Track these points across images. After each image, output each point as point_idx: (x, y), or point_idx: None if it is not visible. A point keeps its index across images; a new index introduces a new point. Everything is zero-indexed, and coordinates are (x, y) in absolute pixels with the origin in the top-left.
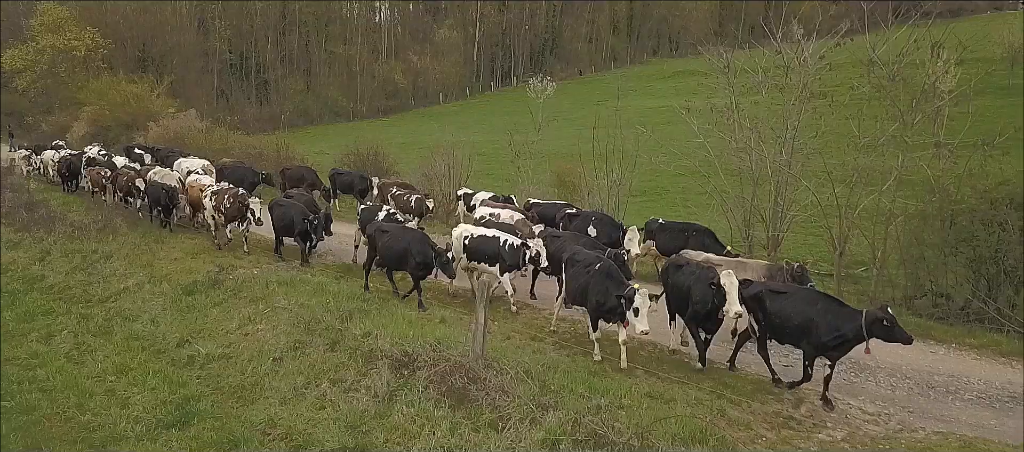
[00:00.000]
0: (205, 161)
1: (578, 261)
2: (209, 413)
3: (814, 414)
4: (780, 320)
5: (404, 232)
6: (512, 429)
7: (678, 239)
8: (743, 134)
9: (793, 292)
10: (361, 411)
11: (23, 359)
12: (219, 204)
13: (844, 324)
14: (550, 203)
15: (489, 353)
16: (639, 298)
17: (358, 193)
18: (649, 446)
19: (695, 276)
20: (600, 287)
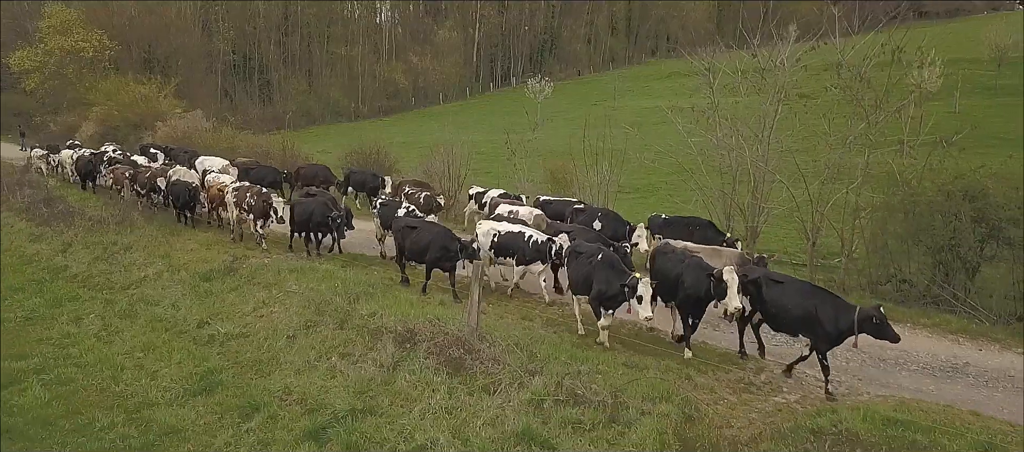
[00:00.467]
0: (224, 161)
1: (580, 253)
2: (231, 383)
3: (773, 381)
4: (777, 310)
5: (429, 228)
6: (502, 392)
7: (682, 233)
8: (723, 133)
9: (789, 283)
10: (368, 379)
11: (56, 339)
12: (242, 201)
13: (840, 317)
14: (561, 199)
15: (483, 328)
16: (642, 287)
17: (370, 191)
18: (621, 404)
19: (685, 263)
20: (602, 276)
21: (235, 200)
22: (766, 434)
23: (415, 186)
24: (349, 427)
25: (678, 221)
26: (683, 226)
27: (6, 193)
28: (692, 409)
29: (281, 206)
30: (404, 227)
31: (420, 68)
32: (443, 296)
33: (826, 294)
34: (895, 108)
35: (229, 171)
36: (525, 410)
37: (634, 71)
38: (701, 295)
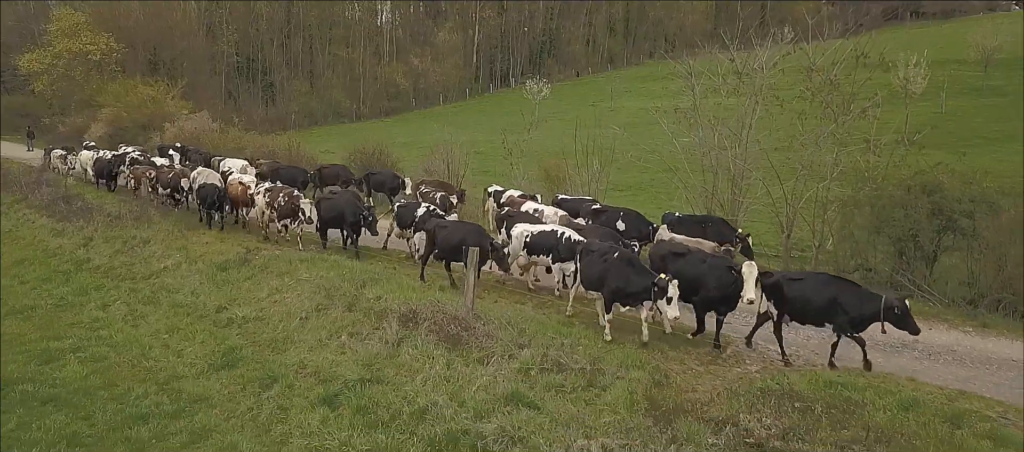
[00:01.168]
0: (243, 161)
1: (593, 251)
2: (250, 359)
3: (738, 355)
4: (801, 303)
5: (461, 226)
6: (495, 362)
7: (696, 230)
8: (705, 133)
9: (808, 277)
10: (375, 353)
11: (87, 322)
12: (273, 202)
13: (864, 304)
14: (575, 198)
15: (478, 309)
16: (672, 288)
17: (389, 191)
18: (598, 370)
19: (708, 264)
20: (621, 274)
21: (268, 201)
22: (723, 395)
23: (433, 186)
24: (359, 393)
25: (691, 219)
26: (696, 223)
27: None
28: (661, 376)
29: (310, 206)
30: (437, 226)
31: (420, 69)
32: (443, 283)
33: (847, 283)
34: (861, 109)
35: (248, 171)
36: (514, 377)
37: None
38: (726, 292)
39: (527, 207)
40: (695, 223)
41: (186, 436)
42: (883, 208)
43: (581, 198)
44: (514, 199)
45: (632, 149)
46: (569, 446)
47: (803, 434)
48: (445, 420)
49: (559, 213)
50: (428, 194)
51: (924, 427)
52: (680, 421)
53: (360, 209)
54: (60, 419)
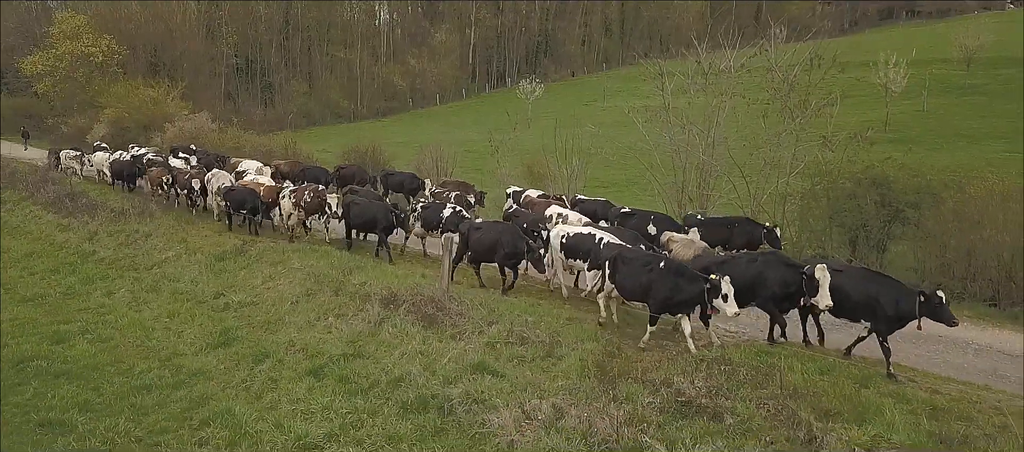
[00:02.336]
0: (258, 163)
1: (631, 259)
2: (245, 338)
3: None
4: (839, 297)
5: (494, 227)
6: (466, 338)
7: (722, 232)
8: (676, 131)
9: (848, 271)
10: (358, 332)
11: (93, 308)
12: (300, 199)
13: (902, 301)
14: (594, 199)
15: (454, 293)
16: (725, 285)
17: (409, 191)
18: (557, 343)
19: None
20: (669, 283)
21: (294, 200)
22: (664, 362)
23: (451, 186)
24: (342, 366)
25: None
26: (722, 225)
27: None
28: (614, 348)
29: (336, 203)
30: (470, 228)
31: (417, 70)
32: (425, 270)
33: (886, 279)
34: (817, 107)
35: (264, 172)
36: (482, 350)
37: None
38: (792, 292)
39: (551, 211)
40: (721, 225)
41: (185, 403)
42: (836, 200)
43: (597, 199)
44: (533, 199)
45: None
46: (523, 404)
47: (727, 392)
48: (417, 386)
49: (582, 219)
50: (441, 194)
51: (834, 386)
52: (623, 384)
53: (390, 213)
54: (72, 390)
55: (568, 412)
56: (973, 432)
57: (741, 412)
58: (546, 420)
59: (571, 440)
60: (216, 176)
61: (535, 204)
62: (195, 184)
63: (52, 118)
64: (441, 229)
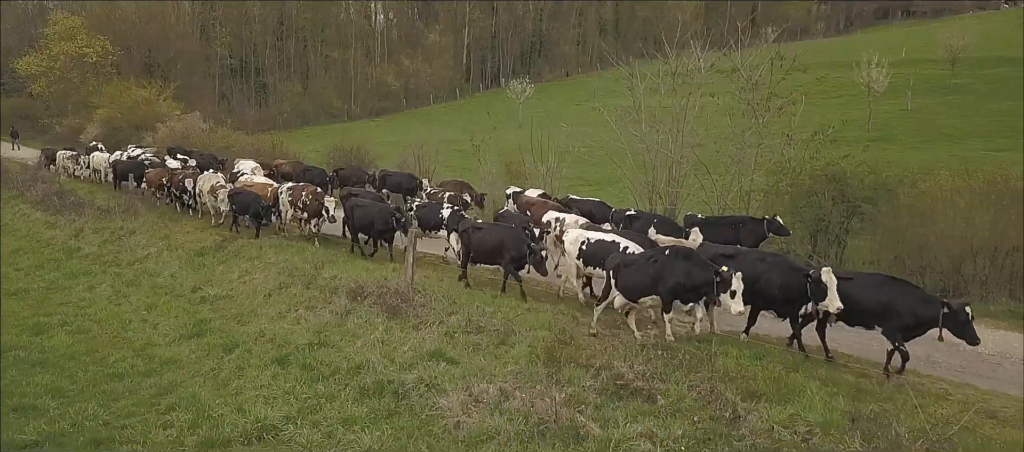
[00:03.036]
0: (254, 163)
1: (631, 262)
2: (217, 330)
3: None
4: (850, 305)
5: (497, 229)
6: (426, 328)
7: (727, 231)
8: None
9: (859, 277)
10: (325, 323)
11: (75, 302)
12: (297, 200)
13: (921, 309)
14: (588, 200)
15: (418, 285)
16: (736, 281)
17: (406, 192)
18: (511, 331)
19: (768, 264)
20: (680, 270)
21: (291, 200)
22: (609, 349)
23: (450, 186)
24: (307, 355)
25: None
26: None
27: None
28: (567, 336)
29: (333, 205)
30: (471, 229)
31: (411, 70)
32: (396, 264)
33: (906, 285)
34: (779, 106)
35: (257, 172)
36: (440, 339)
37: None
38: (794, 297)
39: (549, 217)
40: (726, 224)
41: (155, 390)
42: (798, 196)
43: (591, 199)
44: (532, 200)
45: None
46: (471, 388)
47: (662, 375)
48: (376, 373)
49: (579, 221)
50: (434, 193)
51: (764, 370)
52: (567, 368)
53: (391, 213)
54: (47, 378)
55: (513, 395)
56: (886, 409)
57: (673, 394)
58: (492, 402)
59: (513, 420)
60: (205, 178)
61: (533, 205)
62: (188, 184)
63: (46, 118)
64: (446, 229)
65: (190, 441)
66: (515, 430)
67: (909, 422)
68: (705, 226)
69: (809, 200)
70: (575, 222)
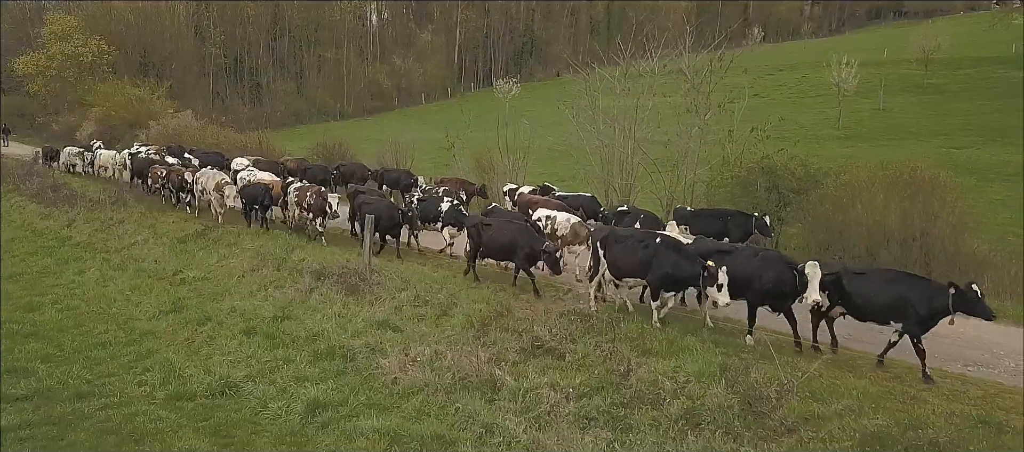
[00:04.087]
0: (247, 160)
1: (623, 239)
2: (193, 307)
3: (579, 296)
4: (863, 300)
5: (508, 226)
6: (380, 303)
7: (715, 225)
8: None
9: (871, 272)
10: (290, 300)
11: (65, 284)
12: (302, 200)
13: (934, 298)
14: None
15: (377, 267)
16: (722, 274)
17: (403, 188)
18: (453, 304)
19: (760, 258)
20: (669, 260)
21: (296, 199)
22: (534, 318)
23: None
24: (271, 326)
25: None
26: (715, 217)
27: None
28: (503, 308)
29: (336, 202)
30: (480, 224)
31: (403, 70)
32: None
33: (914, 278)
34: (718, 104)
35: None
36: (390, 312)
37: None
38: (785, 291)
39: (540, 214)
40: (714, 217)
41: (134, 356)
42: (735, 187)
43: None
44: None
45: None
46: (409, 351)
47: (574, 337)
48: (329, 340)
49: (572, 219)
50: (430, 190)
51: (662, 333)
52: (494, 333)
53: (398, 210)
54: (37, 346)
55: (445, 355)
56: (756, 362)
57: (580, 352)
58: (426, 361)
59: (442, 375)
60: (209, 174)
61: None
62: (188, 177)
63: (42, 116)
64: (442, 223)
65: (160, 395)
66: (443, 383)
67: (765, 371)
68: (694, 218)
69: (745, 191)
70: (567, 220)
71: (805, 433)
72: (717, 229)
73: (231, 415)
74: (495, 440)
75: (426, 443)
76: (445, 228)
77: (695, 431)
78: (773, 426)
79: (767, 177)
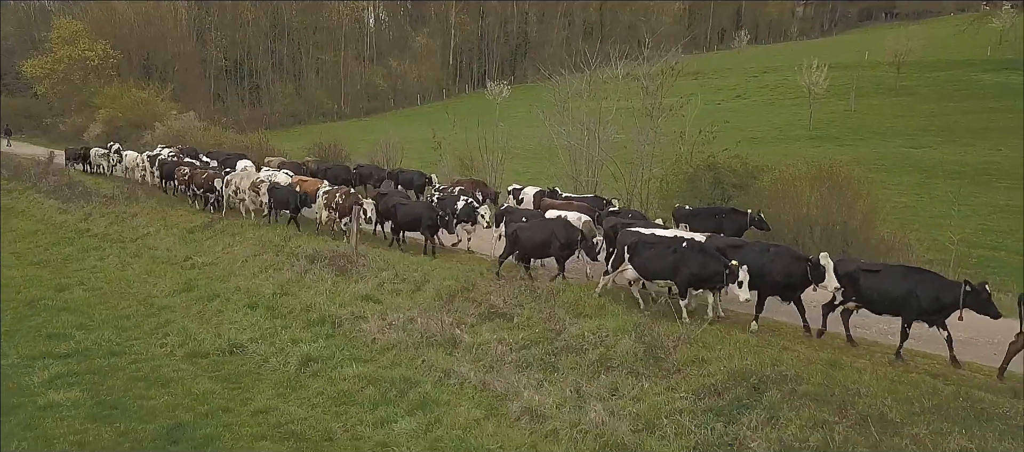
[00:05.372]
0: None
1: (654, 243)
2: (203, 286)
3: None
4: (877, 295)
5: (546, 223)
6: (364, 281)
7: (711, 222)
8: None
9: (885, 269)
10: (287, 279)
11: (88, 268)
12: (331, 201)
13: (942, 294)
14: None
15: (363, 252)
16: (742, 272)
17: (417, 188)
18: (426, 281)
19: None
20: (696, 261)
21: (325, 201)
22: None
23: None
24: (272, 301)
25: (704, 211)
26: (710, 216)
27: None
28: (470, 283)
29: (370, 206)
30: (518, 227)
31: (399, 72)
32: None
33: (926, 273)
34: (670, 109)
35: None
36: (372, 288)
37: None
38: (794, 282)
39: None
40: (710, 215)
41: (155, 325)
42: (685, 181)
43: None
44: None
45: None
46: (386, 317)
47: (523, 304)
48: (320, 310)
49: (583, 218)
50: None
51: (596, 301)
52: (459, 302)
53: (436, 212)
54: (71, 318)
55: (416, 320)
56: (661, 320)
57: (526, 315)
58: (400, 325)
59: (412, 335)
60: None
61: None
62: (217, 183)
63: (50, 118)
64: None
65: (179, 353)
66: (413, 341)
67: (668, 327)
68: (692, 216)
69: (693, 186)
70: (578, 219)
71: (689, 371)
72: (712, 226)
73: (238, 368)
74: (451, 382)
75: (395, 383)
76: (459, 225)
77: (607, 372)
78: (667, 367)
79: (711, 174)
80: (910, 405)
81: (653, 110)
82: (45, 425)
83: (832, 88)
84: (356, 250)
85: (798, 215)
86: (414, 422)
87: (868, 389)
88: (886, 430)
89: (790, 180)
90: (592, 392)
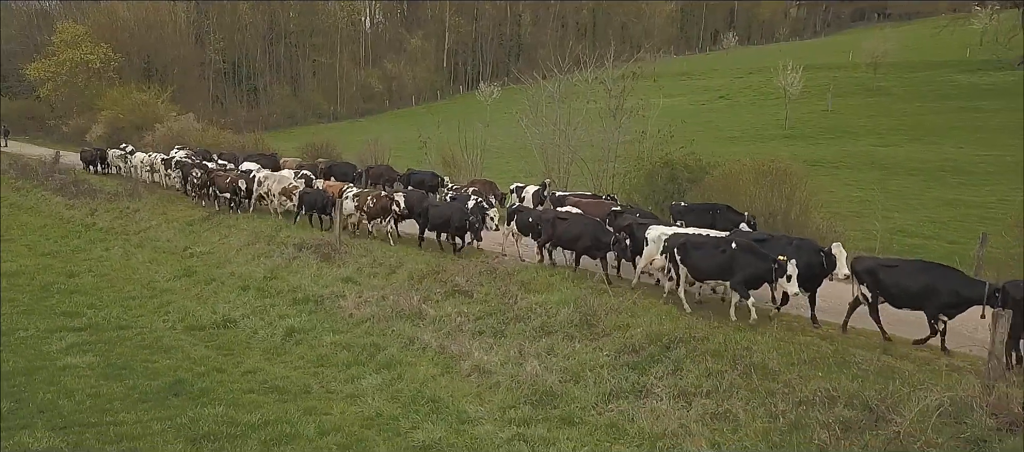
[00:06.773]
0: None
1: (703, 244)
2: (201, 272)
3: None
4: (898, 290)
5: (580, 220)
6: (346, 266)
7: (705, 218)
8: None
9: (903, 264)
10: (276, 265)
11: (95, 258)
12: (363, 204)
13: (962, 290)
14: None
15: (347, 241)
16: (790, 266)
17: (429, 188)
18: (399, 265)
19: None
20: (747, 261)
21: (357, 204)
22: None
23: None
24: (262, 284)
25: (699, 207)
26: (705, 211)
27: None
28: (439, 268)
29: (402, 199)
30: (554, 218)
31: (394, 73)
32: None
33: (945, 269)
34: (631, 110)
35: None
36: (352, 272)
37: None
38: (815, 273)
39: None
40: (704, 211)
41: (157, 304)
42: (645, 178)
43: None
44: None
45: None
46: (362, 295)
47: (483, 283)
48: (305, 291)
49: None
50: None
51: (547, 280)
52: (428, 283)
53: (467, 213)
54: (82, 299)
55: (388, 297)
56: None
57: (484, 292)
58: (374, 302)
59: (384, 310)
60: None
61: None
62: (242, 184)
63: (52, 119)
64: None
65: (180, 326)
66: (384, 314)
67: (603, 300)
68: (687, 212)
69: (650, 181)
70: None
71: (616, 335)
72: (706, 221)
73: (231, 338)
74: (414, 347)
75: (366, 348)
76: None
77: (546, 336)
78: (598, 331)
79: (667, 170)
80: (789, 358)
81: (616, 111)
82: (65, 381)
83: (812, 89)
84: (340, 238)
85: (743, 205)
86: (380, 378)
87: (759, 346)
88: (766, 376)
89: (736, 174)
90: (531, 352)
